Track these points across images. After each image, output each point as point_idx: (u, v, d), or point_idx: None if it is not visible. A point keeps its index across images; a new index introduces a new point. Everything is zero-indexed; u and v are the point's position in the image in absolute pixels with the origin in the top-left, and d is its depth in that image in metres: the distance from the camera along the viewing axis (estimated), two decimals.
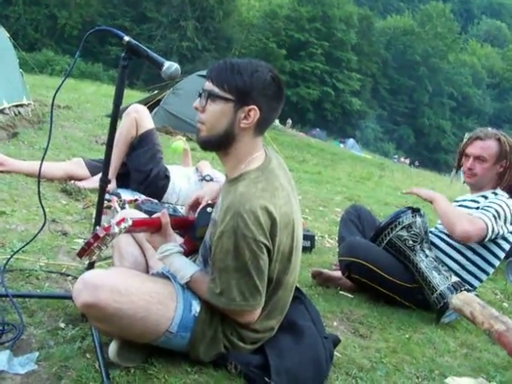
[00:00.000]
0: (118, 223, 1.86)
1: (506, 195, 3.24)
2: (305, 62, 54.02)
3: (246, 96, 1.92)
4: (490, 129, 3.34)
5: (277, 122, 31.80)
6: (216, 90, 1.94)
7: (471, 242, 3.11)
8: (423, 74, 63.60)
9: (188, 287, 2.02)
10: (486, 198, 3.24)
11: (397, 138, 63.21)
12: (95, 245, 1.82)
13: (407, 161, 47.03)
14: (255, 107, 1.93)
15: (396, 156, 50.43)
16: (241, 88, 1.92)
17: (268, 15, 55.82)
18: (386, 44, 64.04)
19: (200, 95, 1.99)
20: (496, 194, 3.24)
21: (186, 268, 2.02)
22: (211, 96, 1.95)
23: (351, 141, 41.27)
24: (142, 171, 4.51)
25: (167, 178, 4.58)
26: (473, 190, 3.38)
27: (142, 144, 4.53)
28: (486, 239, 3.06)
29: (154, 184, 4.51)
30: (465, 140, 3.39)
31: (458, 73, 67.20)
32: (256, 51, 48.92)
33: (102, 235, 1.82)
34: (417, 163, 45.12)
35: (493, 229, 3.03)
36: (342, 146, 37.12)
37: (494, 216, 3.05)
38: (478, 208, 3.18)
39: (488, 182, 3.27)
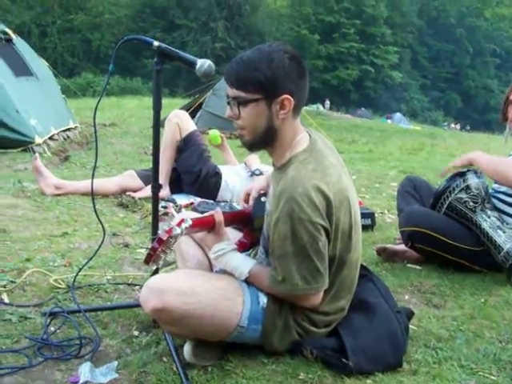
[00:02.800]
0: (179, 224, 1.87)
1: None
2: (339, 43, 53.39)
3: (273, 89, 1.88)
4: None
5: (321, 107, 31.67)
6: (242, 94, 1.90)
7: None
8: (461, 36, 61.90)
9: (248, 282, 2.01)
10: None
11: (444, 104, 61.77)
12: (160, 249, 1.84)
13: (458, 126, 45.99)
14: (287, 95, 1.89)
15: (446, 123, 49.29)
16: (265, 83, 1.87)
17: (295, 2, 55.47)
18: (417, 12, 62.57)
19: (229, 103, 1.96)
20: None
21: (243, 264, 2.01)
22: (240, 102, 1.91)
23: (398, 115, 40.60)
24: (192, 172, 4.58)
25: (218, 174, 4.62)
26: None
27: (187, 146, 4.60)
28: None
29: (205, 183, 4.56)
30: (509, 88, 3.22)
31: (497, 28, 65.09)
32: (289, 40, 48.60)
33: (165, 238, 1.83)
34: (468, 127, 44.06)
35: None
36: (389, 121, 36.57)
37: None
38: None
39: None
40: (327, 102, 37.59)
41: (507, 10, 65.72)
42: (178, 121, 4.58)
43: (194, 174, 4.57)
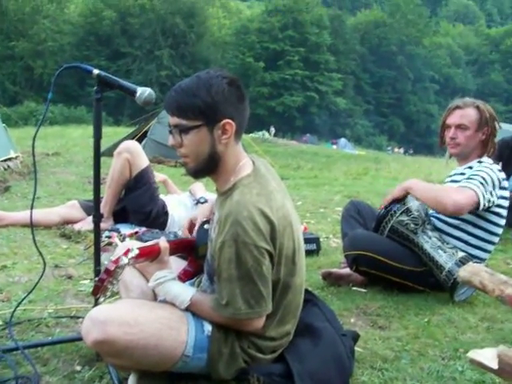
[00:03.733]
0: (125, 254, 1.85)
1: (491, 161, 3.21)
2: (284, 70, 54.39)
3: (213, 114, 1.89)
4: (467, 98, 3.33)
5: (266, 134, 31.97)
6: (183, 122, 1.90)
7: (465, 213, 3.03)
8: (402, 63, 63.94)
9: (190, 311, 1.99)
10: (471, 168, 3.21)
11: (387, 129, 63.39)
12: (108, 280, 1.82)
13: (401, 150, 47.17)
14: (228, 120, 1.90)
15: (390, 147, 50.55)
16: (205, 109, 1.88)
17: (240, 31, 56.33)
18: (360, 40, 64.47)
19: (171, 132, 1.96)
20: (481, 162, 3.21)
21: (184, 292, 1.98)
22: (182, 130, 1.91)
23: (343, 140, 41.34)
24: (141, 212, 4.45)
25: (166, 213, 4.53)
26: (460, 162, 3.34)
27: (138, 185, 4.45)
28: (481, 207, 3.00)
29: (154, 223, 4.45)
30: (445, 112, 3.35)
31: (435, 55, 67.66)
32: (234, 68, 49.24)
33: (112, 269, 1.81)
34: (411, 151, 45.25)
35: (483, 195, 2.98)
36: (334, 147, 37.19)
37: (481, 182, 3.00)
38: None
39: (472, 150, 3.24)
40: (272, 129, 37.99)
41: (443, 38, 68.51)
42: (129, 157, 4.39)
43: (143, 215, 4.44)
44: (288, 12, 56.59)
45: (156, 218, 4.46)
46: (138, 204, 4.46)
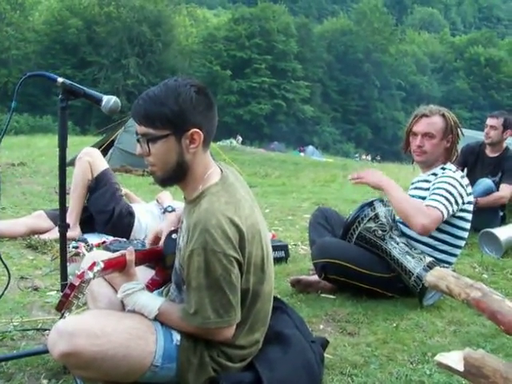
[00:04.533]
0: (91, 268, 1.83)
1: (454, 168, 3.27)
2: (251, 78, 54.57)
3: (181, 123, 1.88)
4: (432, 105, 3.38)
5: (234, 142, 31.99)
6: (151, 131, 1.89)
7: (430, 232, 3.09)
8: (369, 71, 64.66)
9: (159, 321, 1.97)
10: (435, 175, 3.25)
11: (354, 136, 63.93)
12: (72, 295, 1.80)
13: (369, 157, 47.53)
14: (195, 129, 1.89)
15: (357, 155, 50.90)
16: (172, 118, 1.87)
17: (207, 39, 56.40)
18: (327, 47, 65.01)
19: (138, 140, 1.94)
20: (444, 168, 3.26)
21: (152, 303, 1.97)
22: (149, 139, 1.90)
23: (310, 148, 41.51)
24: (104, 211, 4.44)
25: (131, 214, 4.52)
26: (423, 169, 3.39)
27: (99, 185, 4.45)
28: (444, 219, 3.05)
29: (119, 222, 4.44)
30: (410, 120, 3.38)
31: (401, 63, 68.57)
32: (202, 76, 49.16)
33: (77, 284, 1.79)
34: (378, 158, 45.62)
35: (448, 212, 3.03)
36: (302, 154, 37.31)
37: (447, 198, 3.05)
38: (429, 189, 3.19)
39: (437, 158, 3.29)
40: (239, 138, 37.98)
41: (409, 46, 69.59)
42: (89, 159, 4.43)
43: (106, 214, 4.44)
44: (255, 20, 56.89)
45: (120, 218, 4.44)
46: (100, 203, 4.46)
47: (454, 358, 1.49)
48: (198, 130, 1.89)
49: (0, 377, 2.16)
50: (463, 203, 3.15)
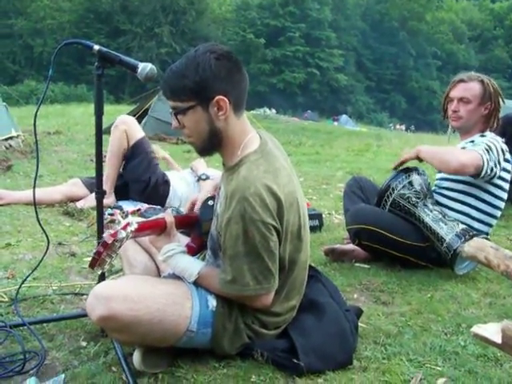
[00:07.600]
0: (124, 227, 1.85)
1: (493, 135, 3.20)
2: (285, 47, 53.98)
3: (204, 92, 1.88)
4: (473, 72, 3.30)
5: (268, 111, 31.81)
6: (179, 104, 1.92)
7: (468, 172, 3.00)
8: (404, 39, 63.37)
9: (198, 284, 2.00)
10: (473, 142, 3.19)
11: (389, 106, 63.01)
12: (105, 253, 1.81)
13: (403, 127, 46.93)
14: (220, 96, 1.88)
15: (391, 124, 50.30)
16: (195, 89, 1.87)
17: (240, 7, 55.81)
18: (361, 15, 63.85)
19: (172, 114, 1.97)
20: (483, 135, 3.20)
21: (192, 266, 2.00)
22: (179, 112, 1.93)
23: (344, 117, 41.10)
24: (140, 181, 4.46)
25: (167, 183, 4.54)
26: (462, 135, 3.33)
27: (135, 154, 4.47)
28: (483, 172, 2.97)
29: (154, 192, 4.46)
30: (449, 85, 3.33)
31: (438, 31, 66.99)
32: (235, 45, 48.85)
33: (110, 242, 1.81)
34: (413, 128, 44.94)
35: (487, 160, 2.96)
36: (335, 123, 36.98)
37: (486, 149, 3.00)
38: None
39: (474, 124, 3.23)
40: (273, 110, 37.66)
41: (446, 14, 67.74)
42: (126, 127, 4.43)
43: (143, 183, 4.46)
44: None
45: (156, 187, 4.46)
46: (136, 173, 4.47)
47: (492, 330, 1.47)
48: (222, 97, 1.88)
49: (43, 337, 2.22)
50: (504, 160, 3.10)
